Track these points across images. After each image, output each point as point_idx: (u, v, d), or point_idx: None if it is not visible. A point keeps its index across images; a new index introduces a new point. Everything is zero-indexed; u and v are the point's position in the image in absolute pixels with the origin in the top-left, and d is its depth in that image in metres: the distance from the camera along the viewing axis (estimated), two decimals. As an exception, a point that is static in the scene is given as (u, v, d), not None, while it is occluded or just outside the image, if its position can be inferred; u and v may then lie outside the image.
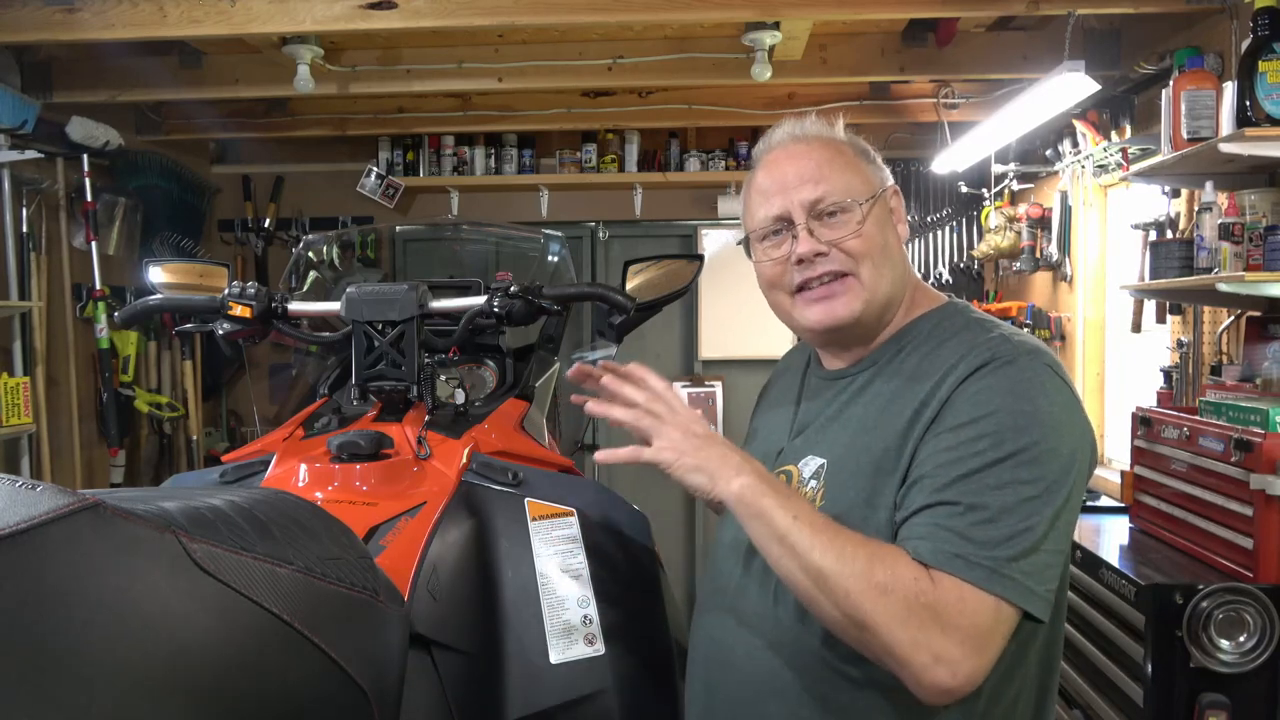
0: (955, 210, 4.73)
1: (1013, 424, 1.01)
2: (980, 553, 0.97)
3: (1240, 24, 2.51)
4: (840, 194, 1.15)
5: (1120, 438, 3.41)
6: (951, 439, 1.02)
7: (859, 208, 1.15)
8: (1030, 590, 0.97)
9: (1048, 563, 0.99)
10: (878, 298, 1.16)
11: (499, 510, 1.30)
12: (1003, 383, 1.03)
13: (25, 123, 3.45)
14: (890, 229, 1.19)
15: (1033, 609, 0.98)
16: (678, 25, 3.34)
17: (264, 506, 0.81)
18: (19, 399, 3.43)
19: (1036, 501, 0.99)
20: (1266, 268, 2.21)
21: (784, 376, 1.37)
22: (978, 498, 0.99)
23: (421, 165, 4.70)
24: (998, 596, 0.96)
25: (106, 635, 0.61)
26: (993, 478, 0.99)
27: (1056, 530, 1.00)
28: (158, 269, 1.72)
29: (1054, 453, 1.00)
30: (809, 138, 1.20)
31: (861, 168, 1.19)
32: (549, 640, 1.20)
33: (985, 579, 0.96)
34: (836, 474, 1.12)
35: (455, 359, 1.74)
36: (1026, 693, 1.09)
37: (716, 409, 4.74)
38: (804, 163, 1.17)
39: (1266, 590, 1.98)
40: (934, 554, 0.98)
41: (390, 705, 0.88)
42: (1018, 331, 1.12)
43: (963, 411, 1.03)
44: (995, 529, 0.98)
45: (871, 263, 1.15)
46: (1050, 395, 1.03)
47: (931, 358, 1.11)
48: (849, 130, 1.24)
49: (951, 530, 0.99)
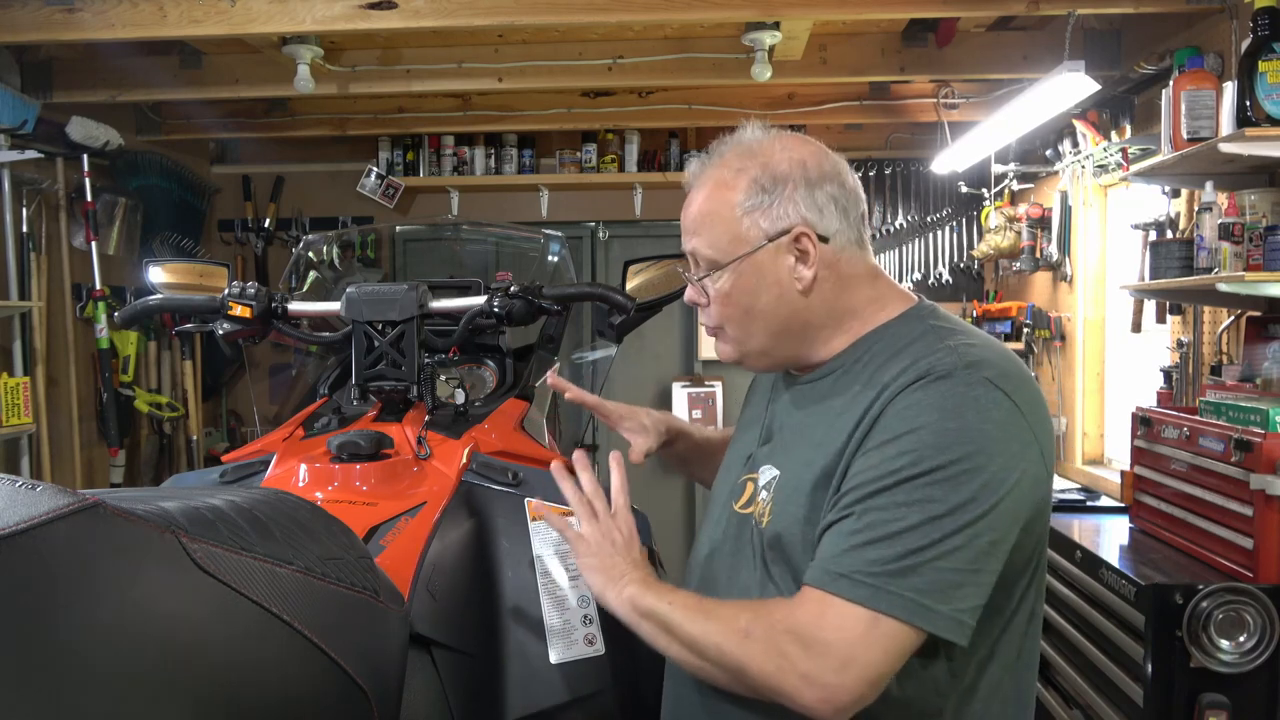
0: (955, 210, 4.73)
1: (934, 441, 0.98)
2: (865, 570, 0.97)
3: (1240, 24, 2.51)
4: (708, 253, 1.14)
5: (1120, 438, 3.41)
6: (876, 456, 1.01)
7: (719, 272, 1.13)
8: (925, 607, 0.95)
9: (954, 581, 0.96)
10: (751, 349, 1.17)
11: (499, 510, 1.30)
12: (933, 398, 1.01)
13: (25, 123, 3.45)
14: (765, 286, 1.12)
15: (932, 627, 0.96)
16: (678, 25, 3.34)
17: (264, 506, 0.81)
18: (19, 399, 3.43)
19: (942, 520, 0.96)
20: (1266, 268, 2.21)
21: (765, 374, 1.37)
22: (878, 515, 0.98)
23: (421, 165, 4.70)
24: (874, 611, 0.95)
25: (106, 635, 0.61)
26: (902, 495, 0.98)
27: (969, 549, 0.97)
28: (158, 269, 1.72)
29: (975, 471, 0.97)
30: (704, 180, 1.16)
31: (739, 221, 1.11)
32: (549, 640, 1.20)
33: (866, 596, 0.96)
34: (782, 489, 1.12)
35: (455, 359, 1.74)
36: (998, 708, 1.08)
37: (716, 409, 4.74)
38: (689, 212, 1.17)
39: (1266, 590, 1.98)
40: (820, 575, 0.99)
41: (390, 705, 0.89)
42: (972, 339, 1.08)
43: (889, 428, 1.02)
44: (886, 548, 0.97)
45: (734, 325, 1.16)
46: (984, 411, 1.00)
47: (881, 371, 1.08)
48: (758, 155, 1.13)
49: (842, 550, 0.99)
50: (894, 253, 4.80)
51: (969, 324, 1.16)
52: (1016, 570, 1.06)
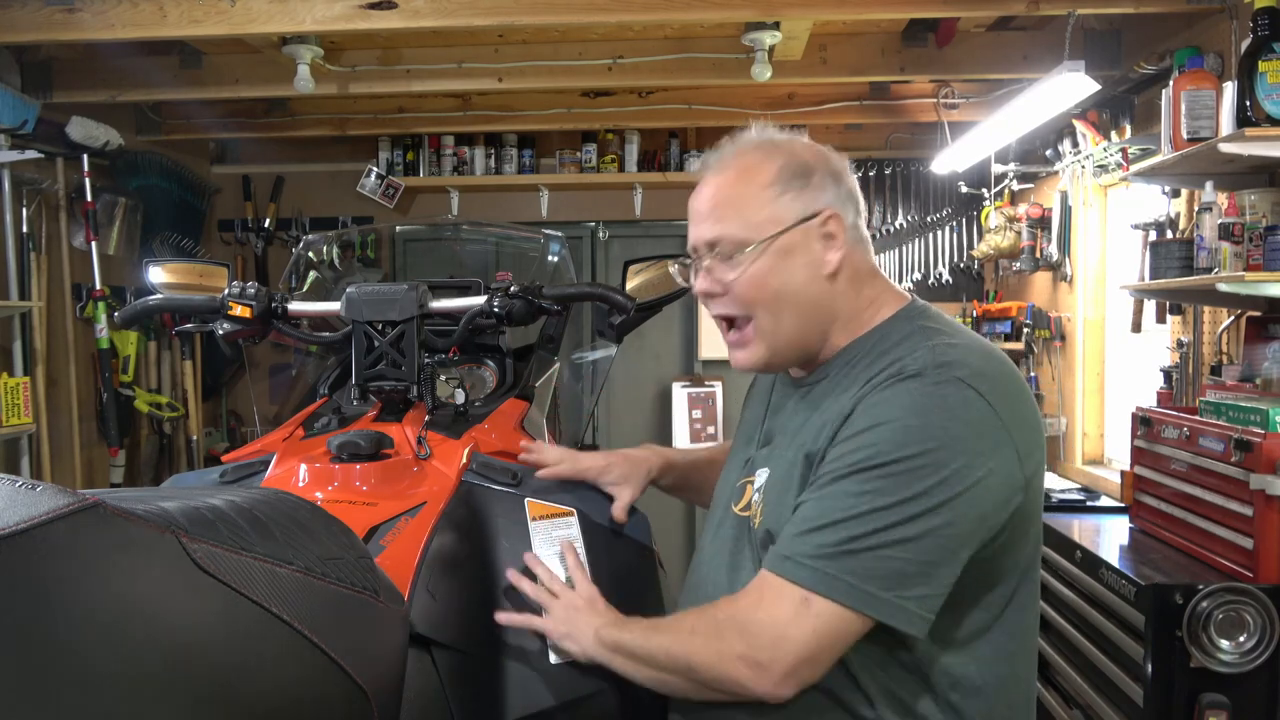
0: (955, 210, 4.73)
1: (894, 437, 1.00)
2: (807, 553, 1.00)
3: (1240, 24, 2.51)
4: (736, 233, 1.12)
5: (1120, 438, 3.41)
6: (840, 449, 1.04)
7: (749, 251, 1.12)
8: (865, 592, 0.97)
9: (901, 570, 0.98)
10: (780, 341, 1.15)
11: (499, 510, 1.30)
12: (900, 396, 1.03)
13: (25, 123, 3.45)
14: (796, 268, 1.13)
15: (874, 612, 0.98)
16: (678, 25, 3.34)
17: (264, 506, 0.81)
18: (19, 399, 3.43)
19: (888, 511, 0.98)
20: (1266, 268, 2.21)
21: (763, 377, 1.38)
22: (830, 502, 1.01)
23: (421, 165, 4.70)
24: (807, 590, 0.98)
25: (106, 635, 0.61)
26: (854, 485, 1.00)
27: (922, 542, 0.98)
28: (158, 269, 1.72)
29: (932, 467, 0.98)
30: (726, 166, 1.17)
31: (773, 201, 1.13)
32: (549, 640, 1.20)
33: (802, 578, 0.99)
34: (772, 488, 1.14)
35: (455, 359, 1.74)
36: (1004, 711, 1.09)
37: (716, 409, 4.74)
38: (705, 200, 1.16)
39: (1266, 590, 1.98)
40: (771, 559, 1.03)
41: (390, 705, 0.89)
42: (954, 342, 1.09)
43: (855, 423, 1.04)
44: (831, 533, 0.99)
45: (766, 309, 1.14)
46: (952, 411, 1.01)
47: (867, 371, 1.10)
48: (780, 151, 1.16)
49: (793, 534, 1.02)
50: (894, 253, 4.80)
51: (960, 324, 1.18)
52: (1004, 570, 1.07)
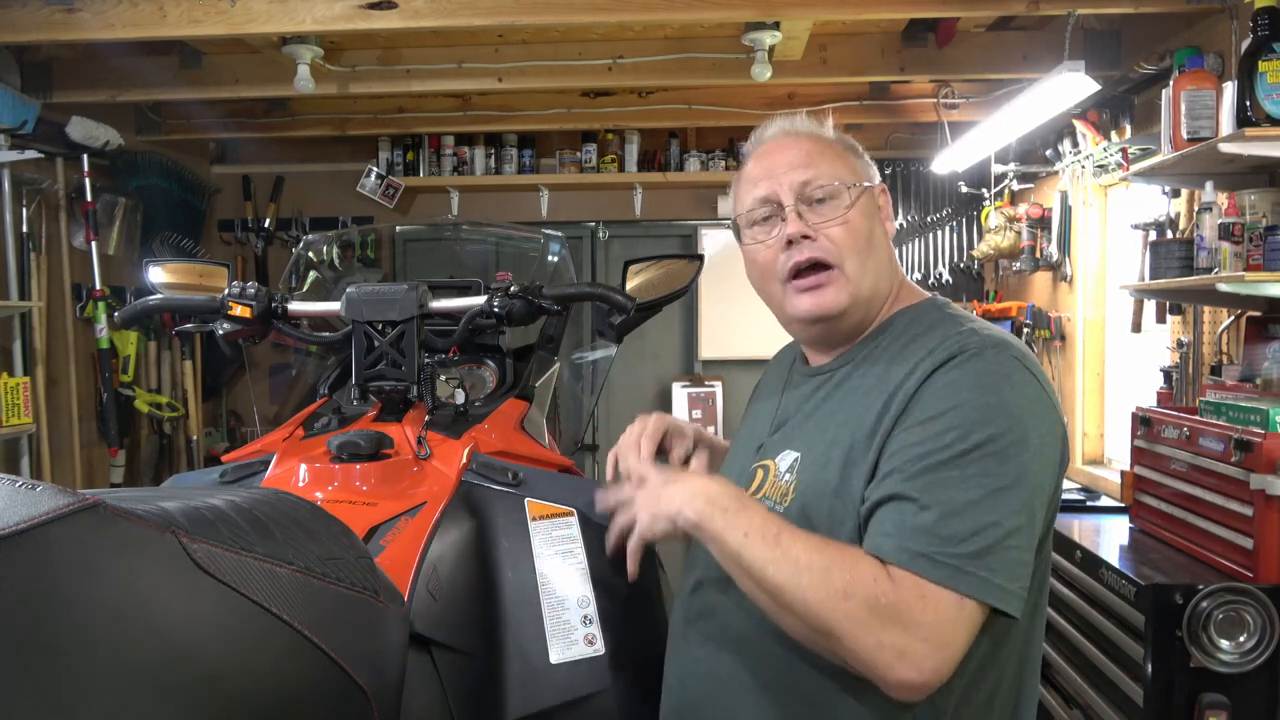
0: (955, 210, 4.73)
1: (978, 416, 1.01)
2: (944, 550, 0.97)
3: (1240, 24, 2.51)
4: (828, 179, 1.18)
5: (1120, 438, 3.41)
6: (919, 433, 1.03)
7: (846, 193, 1.17)
8: (999, 587, 0.97)
9: (1018, 559, 0.99)
10: (862, 291, 1.18)
11: (499, 510, 1.30)
12: (969, 376, 1.04)
13: (25, 123, 3.45)
14: (876, 223, 1.21)
15: (1003, 605, 0.98)
16: (678, 25, 3.34)
17: (264, 506, 0.81)
18: (19, 399, 3.43)
19: (1005, 493, 0.98)
20: (1266, 268, 2.21)
21: (772, 373, 1.40)
22: (942, 492, 0.99)
23: (421, 165, 4.70)
24: (961, 594, 0.96)
25: (106, 635, 0.61)
26: (958, 470, 0.99)
27: (1027, 521, 1.00)
28: (158, 269, 1.72)
29: (1021, 443, 1.01)
30: (798, 132, 1.24)
31: (850, 160, 1.22)
32: (549, 640, 1.20)
33: (949, 577, 0.96)
34: (808, 467, 1.13)
35: (455, 359, 1.73)
36: (1004, 692, 1.09)
37: (716, 409, 4.74)
38: (793, 152, 1.21)
39: (1266, 590, 1.98)
40: (896, 551, 0.98)
41: (390, 705, 0.88)
42: (988, 326, 1.14)
43: (929, 405, 1.04)
44: (959, 523, 0.98)
45: (856, 255, 1.17)
46: (1017, 387, 1.04)
47: (905, 352, 1.12)
48: (838, 129, 1.27)
49: (914, 527, 0.99)
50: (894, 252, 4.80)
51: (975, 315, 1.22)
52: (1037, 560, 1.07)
